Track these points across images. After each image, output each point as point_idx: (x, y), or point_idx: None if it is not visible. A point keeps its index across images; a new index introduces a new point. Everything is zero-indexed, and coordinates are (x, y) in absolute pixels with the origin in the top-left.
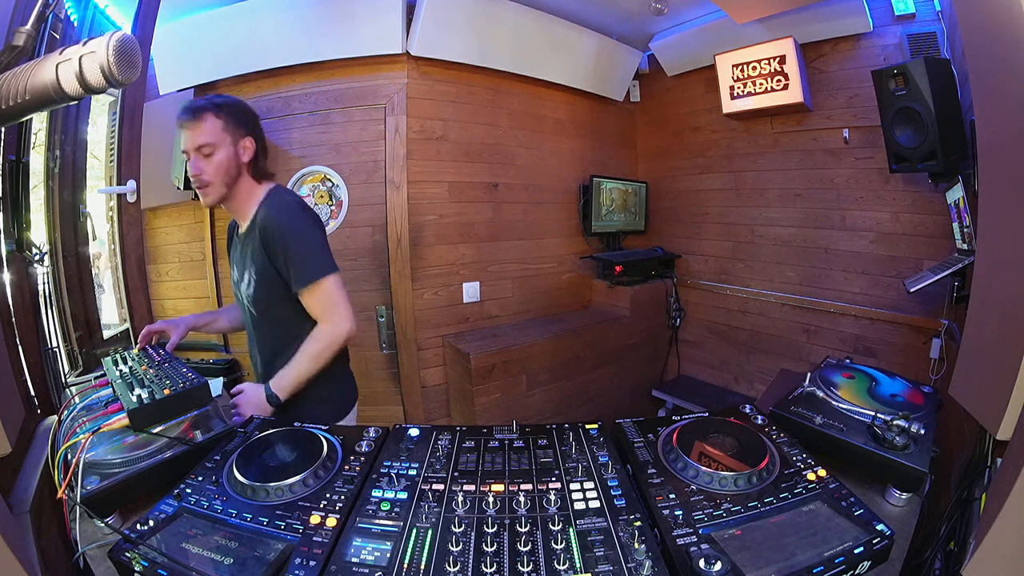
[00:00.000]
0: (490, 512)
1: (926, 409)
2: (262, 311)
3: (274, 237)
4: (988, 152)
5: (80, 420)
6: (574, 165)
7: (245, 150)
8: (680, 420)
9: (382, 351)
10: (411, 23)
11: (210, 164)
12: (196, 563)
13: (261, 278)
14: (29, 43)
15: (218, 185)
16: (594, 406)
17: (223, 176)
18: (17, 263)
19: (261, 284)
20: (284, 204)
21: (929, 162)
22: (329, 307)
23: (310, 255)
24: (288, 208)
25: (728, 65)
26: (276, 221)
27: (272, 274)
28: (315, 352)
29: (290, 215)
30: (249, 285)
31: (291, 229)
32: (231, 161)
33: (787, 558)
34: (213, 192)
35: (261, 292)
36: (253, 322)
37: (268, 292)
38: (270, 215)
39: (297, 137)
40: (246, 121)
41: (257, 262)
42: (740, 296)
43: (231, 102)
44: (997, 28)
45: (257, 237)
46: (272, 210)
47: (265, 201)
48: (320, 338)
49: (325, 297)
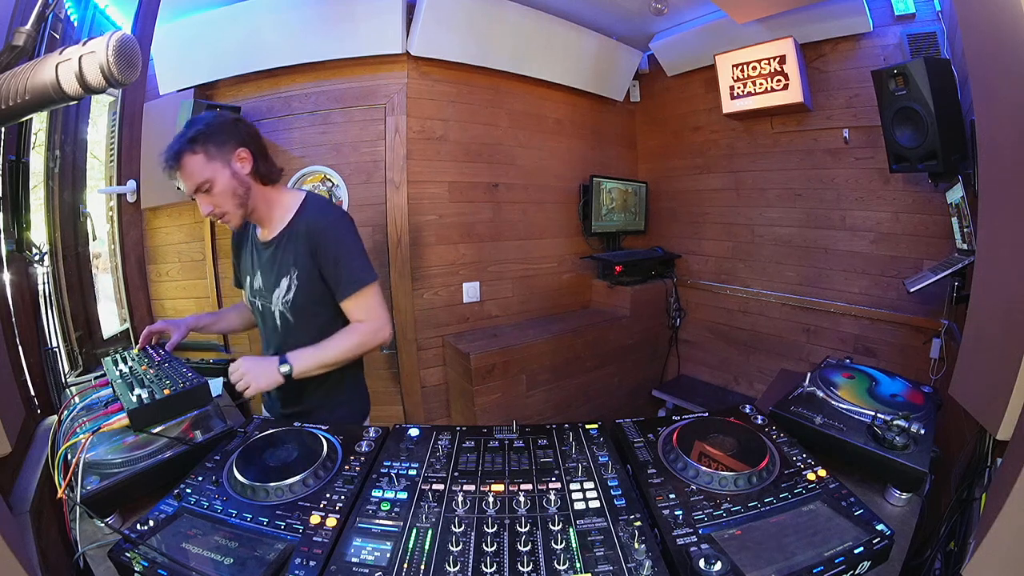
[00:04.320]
0: (490, 512)
1: (926, 409)
2: (300, 317)
3: (324, 244)
4: (988, 152)
5: (80, 420)
6: (574, 165)
7: (242, 162)
8: (680, 420)
9: (382, 351)
10: (411, 23)
11: (215, 196)
12: (196, 563)
13: (306, 284)
14: (29, 43)
15: (234, 208)
16: (594, 406)
17: (234, 199)
18: (17, 263)
19: (305, 289)
20: (331, 210)
21: (929, 162)
22: (372, 312)
23: (358, 263)
24: (336, 214)
25: (728, 65)
26: (326, 228)
27: (318, 280)
28: (348, 345)
29: (338, 222)
30: (288, 291)
31: (340, 237)
32: (234, 181)
33: (787, 558)
34: (233, 217)
35: (302, 297)
36: (286, 328)
37: (310, 298)
38: (319, 222)
39: (297, 137)
40: (228, 136)
41: (302, 267)
42: (740, 296)
43: (205, 127)
44: (997, 28)
45: (302, 243)
46: (320, 217)
47: (308, 207)
48: (358, 332)
49: (369, 303)
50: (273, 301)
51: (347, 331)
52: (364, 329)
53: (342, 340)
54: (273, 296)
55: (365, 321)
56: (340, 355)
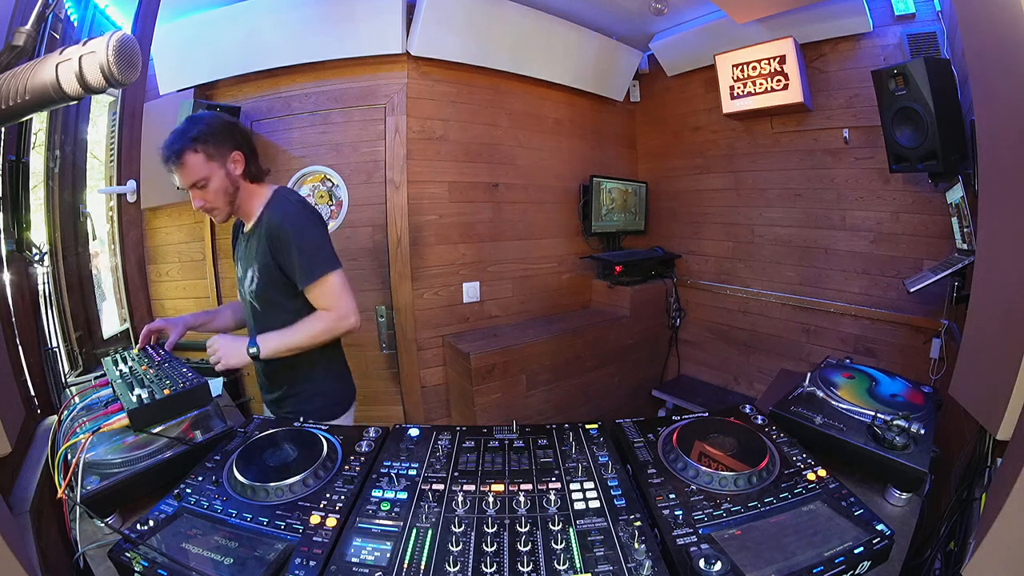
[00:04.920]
0: (490, 512)
1: (926, 409)
2: (265, 306)
3: (279, 237)
4: (988, 152)
5: (80, 420)
6: (574, 165)
7: (236, 164)
8: (680, 420)
9: (382, 351)
10: (411, 23)
11: (208, 193)
12: (196, 563)
13: (264, 275)
14: (29, 43)
15: (223, 205)
16: (594, 406)
17: (225, 197)
18: (17, 263)
19: (264, 280)
20: (288, 204)
21: (929, 162)
22: (334, 301)
23: (314, 253)
24: (292, 208)
25: (728, 65)
26: (280, 221)
27: (276, 271)
28: (313, 330)
29: (293, 215)
30: (252, 281)
31: (295, 229)
32: (226, 181)
33: (787, 558)
34: (221, 213)
35: (264, 288)
36: (255, 316)
37: (271, 288)
38: (274, 216)
39: (297, 137)
40: (226, 138)
41: (260, 260)
42: (740, 296)
43: (204, 128)
44: (997, 28)
45: (264, 236)
46: (276, 211)
47: (270, 202)
48: (322, 319)
49: (331, 292)
50: (245, 291)
51: (313, 317)
52: (329, 316)
53: (307, 325)
54: (244, 286)
55: (331, 309)
56: (305, 340)
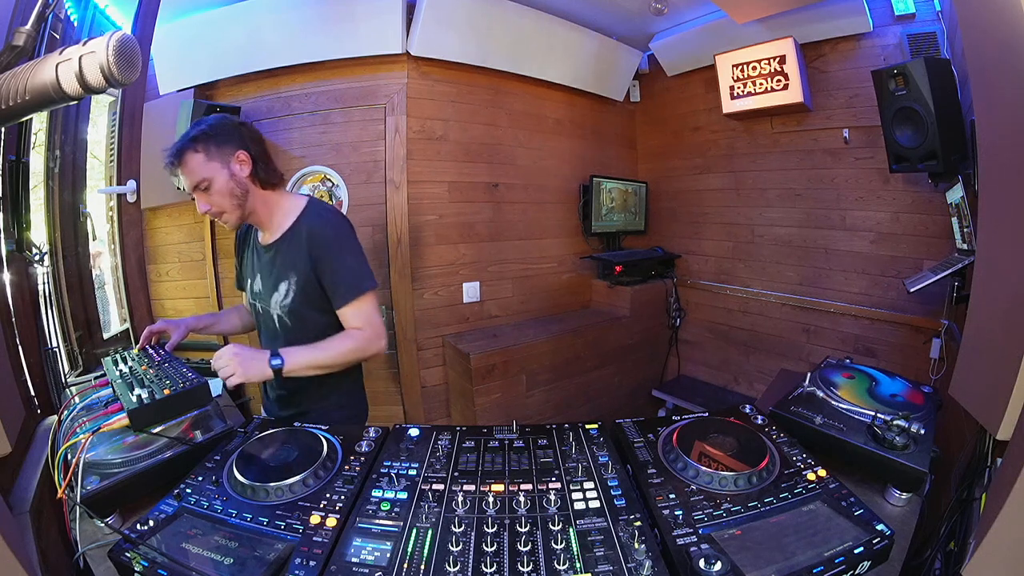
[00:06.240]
0: (490, 512)
1: (926, 409)
2: (297, 321)
3: (325, 249)
4: (988, 152)
5: (80, 420)
6: (574, 165)
7: (241, 164)
8: (680, 420)
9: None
10: (411, 23)
11: (213, 195)
12: (196, 563)
13: (302, 290)
14: (29, 43)
15: (232, 208)
16: (594, 406)
17: (232, 199)
18: (17, 263)
19: (302, 295)
20: (332, 216)
21: (929, 162)
22: (369, 320)
23: (358, 268)
24: (336, 221)
25: (728, 65)
26: (326, 234)
27: (315, 286)
28: (343, 348)
29: (337, 228)
30: (286, 296)
31: (342, 243)
32: (232, 182)
33: (787, 558)
34: (230, 217)
35: (300, 303)
36: (284, 331)
37: (308, 303)
38: (318, 228)
39: (297, 137)
40: (230, 138)
41: (301, 272)
42: (740, 296)
43: (207, 128)
44: (997, 28)
45: (302, 249)
46: (319, 223)
47: (308, 213)
48: (355, 338)
49: (367, 310)
50: (272, 305)
51: (344, 335)
52: (362, 336)
53: (337, 343)
54: (272, 300)
55: (364, 328)
56: (334, 358)
